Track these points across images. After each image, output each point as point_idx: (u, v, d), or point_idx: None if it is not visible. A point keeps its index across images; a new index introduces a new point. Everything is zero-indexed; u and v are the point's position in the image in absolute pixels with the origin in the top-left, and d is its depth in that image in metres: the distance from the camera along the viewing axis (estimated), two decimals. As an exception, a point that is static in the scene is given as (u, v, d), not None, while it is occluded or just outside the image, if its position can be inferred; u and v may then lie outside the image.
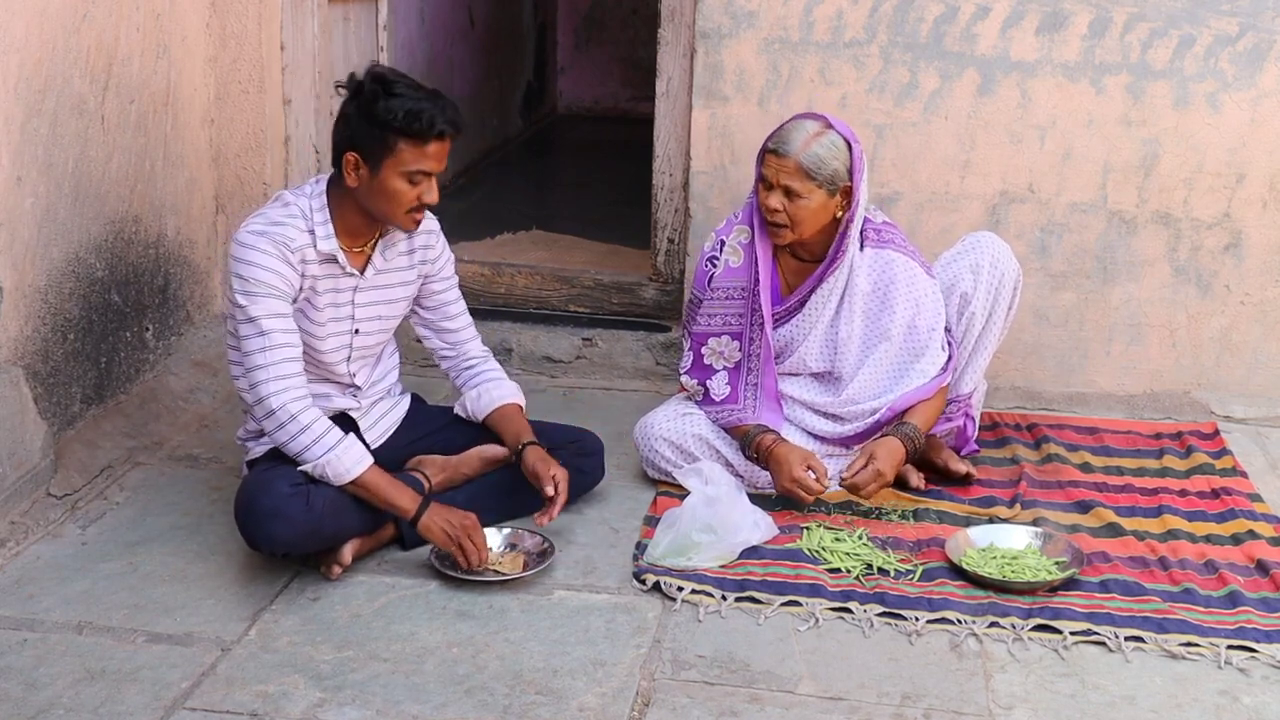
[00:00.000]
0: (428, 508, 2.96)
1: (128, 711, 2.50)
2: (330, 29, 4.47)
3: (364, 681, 2.61)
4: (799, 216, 3.26)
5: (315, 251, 2.96)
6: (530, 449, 3.18)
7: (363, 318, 3.12)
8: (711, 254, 3.41)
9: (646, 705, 2.57)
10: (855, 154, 3.25)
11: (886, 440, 3.31)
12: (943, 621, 2.87)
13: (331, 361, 3.11)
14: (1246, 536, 3.25)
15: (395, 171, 2.90)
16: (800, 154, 3.21)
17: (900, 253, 3.40)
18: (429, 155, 2.91)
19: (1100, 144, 3.96)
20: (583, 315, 4.45)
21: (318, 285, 3.00)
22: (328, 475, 2.90)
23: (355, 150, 2.91)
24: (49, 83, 3.33)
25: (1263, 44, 3.85)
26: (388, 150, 2.88)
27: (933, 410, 3.40)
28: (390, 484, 2.96)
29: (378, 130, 2.87)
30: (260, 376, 2.89)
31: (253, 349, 2.90)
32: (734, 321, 3.43)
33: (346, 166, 2.93)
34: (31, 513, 3.21)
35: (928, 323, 3.39)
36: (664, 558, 3.06)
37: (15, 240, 3.25)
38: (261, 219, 2.96)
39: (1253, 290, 4.02)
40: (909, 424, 3.35)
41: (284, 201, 3.01)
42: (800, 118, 3.30)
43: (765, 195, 3.28)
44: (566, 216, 5.64)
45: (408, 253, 3.17)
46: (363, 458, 2.93)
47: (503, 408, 3.29)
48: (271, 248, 2.91)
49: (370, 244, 3.09)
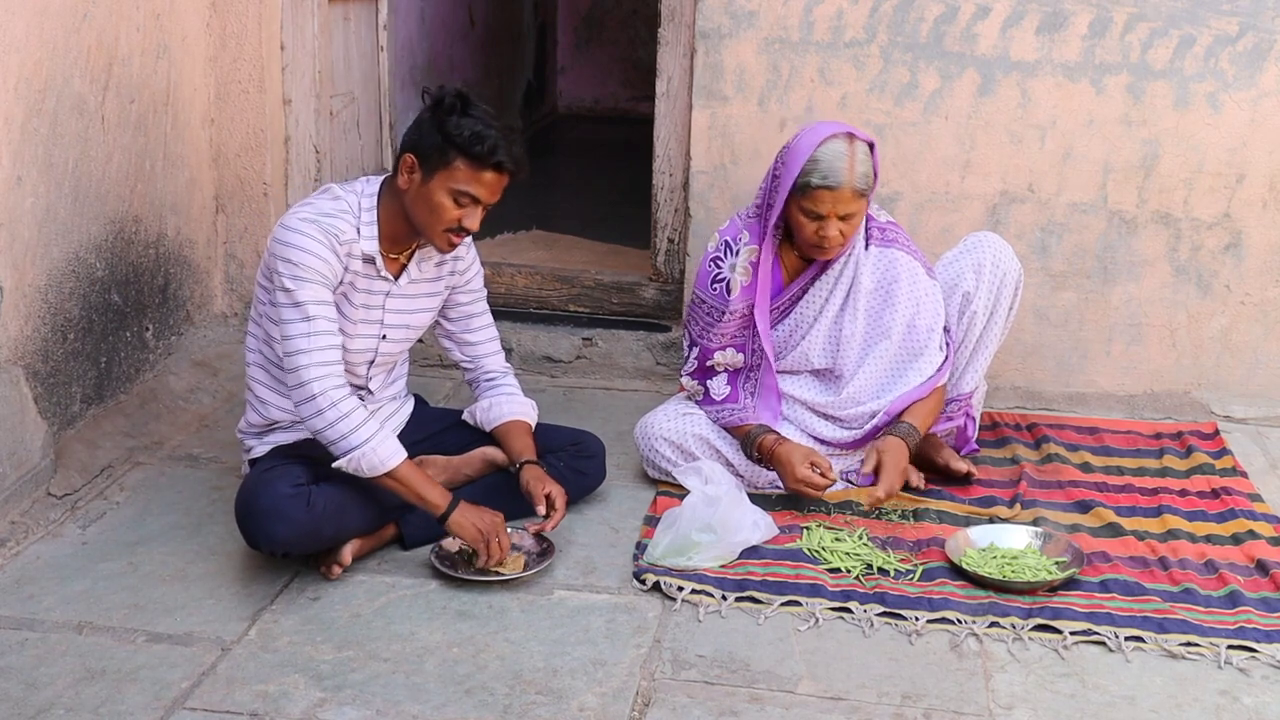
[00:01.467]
0: (457, 505, 2.96)
1: (128, 711, 2.50)
2: (330, 29, 4.48)
3: (364, 681, 2.62)
4: (851, 232, 3.29)
5: (360, 249, 2.98)
6: (527, 468, 3.19)
7: (391, 324, 3.12)
8: (715, 254, 3.41)
9: (646, 705, 2.57)
10: (876, 153, 3.27)
11: (889, 443, 3.31)
12: (943, 621, 2.87)
13: (354, 363, 3.11)
14: (1246, 536, 3.25)
15: (444, 185, 2.90)
16: (852, 181, 3.19)
17: (904, 251, 3.41)
18: (482, 181, 2.91)
19: (1100, 144, 3.97)
20: (583, 315, 4.45)
21: (356, 283, 3.02)
22: (362, 466, 2.88)
23: (415, 153, 2.92)
24: (49, 82, 3.33)
25: (1263, 44, 3.85)
26: (444, 163, 2.89)
27: (930, 409, 3.40)
28: (424, 479, 2.97)
29: (441, 141, 2.88)
30: (303, 361, 2.88)
31: (296, 333, 2.89)
32: (740, 334, 3.44)
33: (402, 166, 2.94)
34: (31, 513, 3.21)
35: (927, 323, 3.40)
36: (664, 557, 3.06)
37: (15, 240, 3.25)
38: (310, 208, 2.97)
39: (1253, 290, 4.02)
40: (905, 423, 3.35)
41: (333, 195, 3.02)
42: (825, 141, 3.21)
43: (820, 227, 3.24)
44: (566, 216, 5.64)
45: (438, 264, 3.18)
46: (398, 450, 2.93)
47: (510, 423, 3.30)
48: (321, 235, 2.91)
49: (407, 254, 3.10)
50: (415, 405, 3.40)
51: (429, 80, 6.19)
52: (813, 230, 3.26)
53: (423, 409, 3.42)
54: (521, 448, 3.25)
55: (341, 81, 4.61)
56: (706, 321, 3.44)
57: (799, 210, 3.26)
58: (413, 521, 3.10)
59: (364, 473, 2.90)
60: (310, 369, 2.88)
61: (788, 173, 3.25)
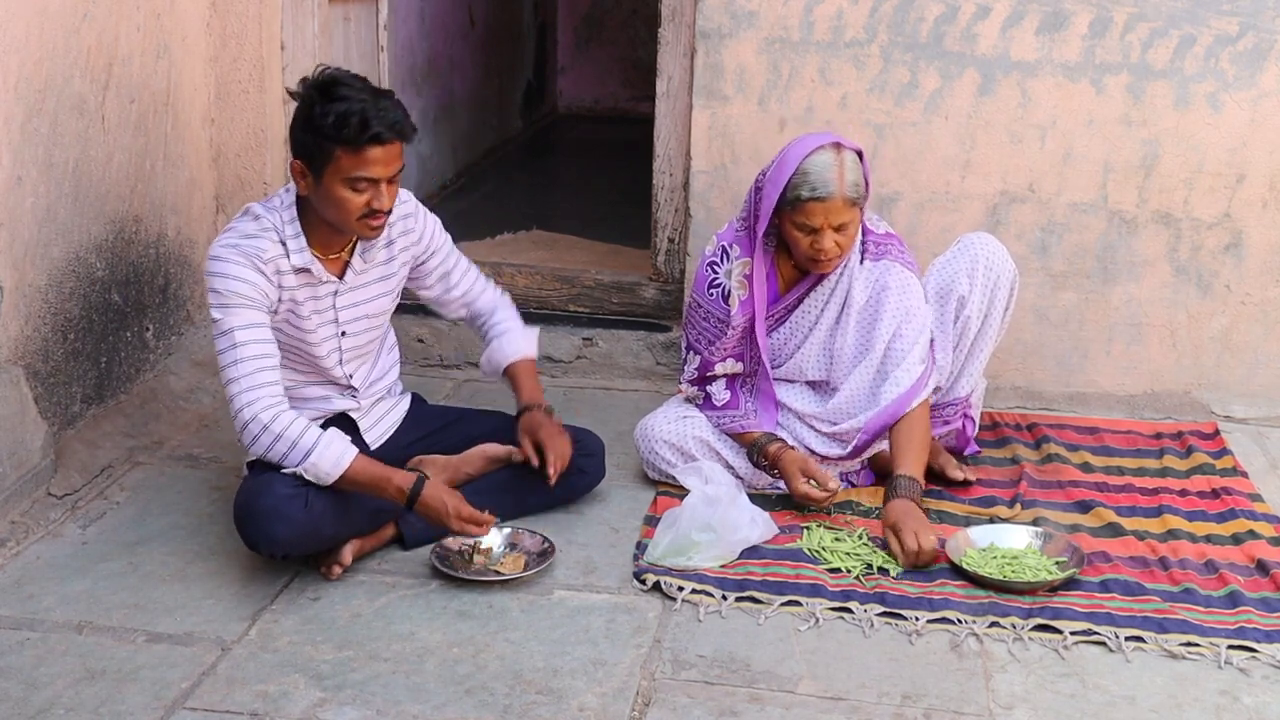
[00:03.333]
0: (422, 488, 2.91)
1: (128, 711, 2.50)
2: (330, 29, 4.47)
3: (364, 681, 2.61)
4: (847, 243, 3.26)
5: (289, 263, 2.92)
6: (524, 417, 3.23)
7: (347, 320, 3.09)
8: (713, 259, 3.39)
9: (647, 705, 2.57)
10: (865, 161, 3.25)
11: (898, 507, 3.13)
12: (943, 621, 2.87)
13: (327, 365, 3.10)
14: (1247, 536, 3.25)
15: (336, 179, 2.82)
16: (842, 190, 3.16)
17: (897, 262, 3.39)
18: (368, 161, 2.80)
19: (1100, 144, 3.96)
20: (583, 315, 4.45)
21: (297, 295, 2.96)
22: (319, 475, 2.86)
23: (299, 158, 2.85)
24: (49, 82, 3.33)
25: (1263, 44, 3.85)
26: (327, 158, 2.81)
27: (919, 440, 3.28)
28: (379, 470, 2.91)
29: (314, 137, 2.80)
30: (233, 390, 2.86)
31: (226, 362, 2.87)
32: (739, 344, 3.44)
33: (294, 174, 2.87)
34: (31, 513, 3.21)
35: (911, 335, 3.36)
36: (664, 557, 3.06)
37: (15, 240, 3.25)
38: (233, 233, 2.92)
39: (1253, 290, 4.02)
40: (903, 478, 3.20)
41: (254, 215, 2.95)
42: (812, 153, 3.19)
43: (814, 239, 3.20)
44: (566, 216, 5.64)
45: (387, 245, 3.11)
46: (342, 456, 2.86)
47: (510, 368, 3.30)
48: (243, 258, 2.86)
49: (348, 248, 3.04)
50: (413, 404, 3.39)
51: (429, 80, 6.20)
52: (808, 244, 3.23)
53: (421, 407, 3.41)
54: (522, 394, 3.27)
55: (341, 81, 4.60)
56: (706, 330, 3.43)
57: (792, 225, 3.22)
58: (413, 521, 3.09)
59: (323, 480, 2.86)
60: (241, 395, 2.85)
61: (773, 187, 3.21)
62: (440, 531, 3.05)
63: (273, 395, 2.87)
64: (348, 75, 2.88)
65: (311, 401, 3.13)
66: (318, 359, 3.07)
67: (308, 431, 2.86)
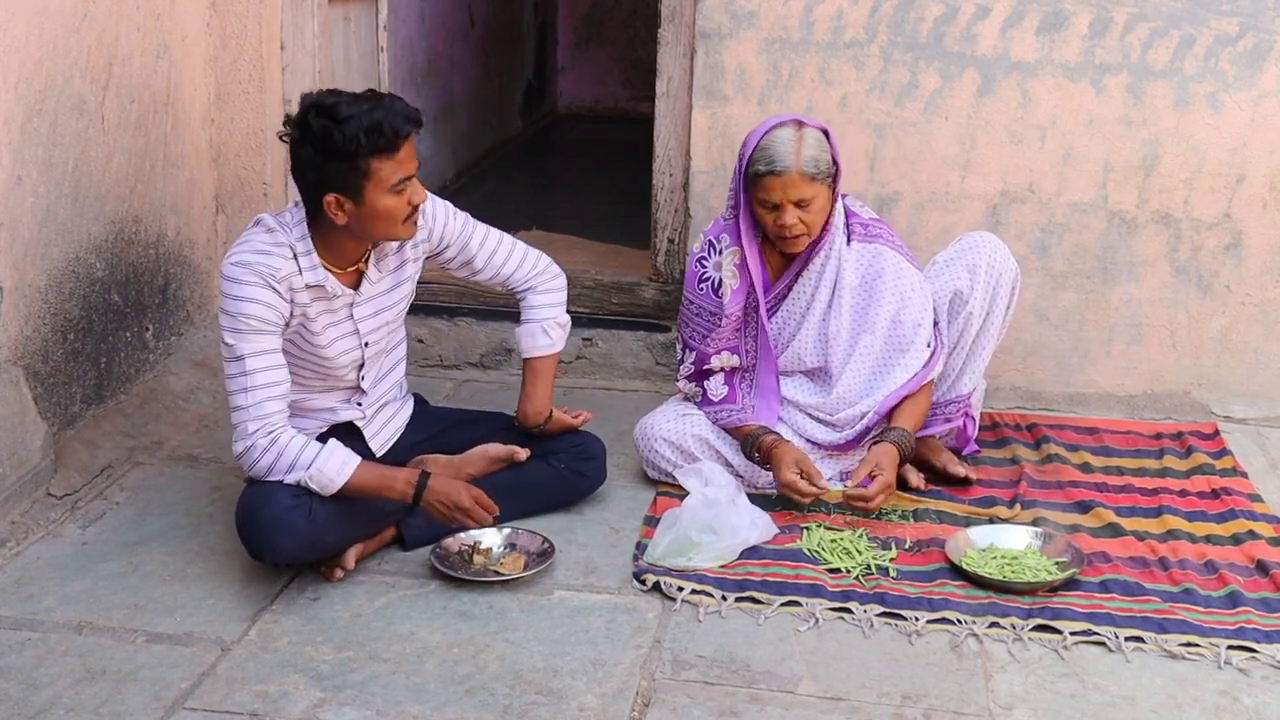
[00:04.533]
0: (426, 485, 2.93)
1: (128, 711, 2.50)
2: (330, 29, 4.47)
3: (364, 681, 2.61)
4: (813, 220, 3.26)
5: (302, 280, 2.91)
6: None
7: (368, 330, 3.09)
8: (700, 254, 3.41)
9: (646, 705, 2.57)
10: (833, 139, 3.27)
11: (882, 449, 3.29)
12: (943, 621, 2.87)
13: (341, 373, 3.10)
14: (1246, 537, 3.25)
15: (380, 191, 2.83)
16: (798, 164, 3.18)
17: (888, 246, 3.41)
18: (403, 161, 2.83)
19: (1100, 144, 3.97)
20: (583, 315, 4.44)
21: (310, 311, 2.96)
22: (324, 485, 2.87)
23: (332, 191, 2.83)
24: (49, 83, 3.33)
25: (1263, 44, 3.85)
26: (365, 175, 2.80)
27: (918, 407, 3.40)
28: (383, 473, 2.94)
29: (346, 161, 2.79)
30: (238, 417, 2.88)
31: (234, 388, 2.88)
32: (734, 337, 3.44)
33: (329, 209, 2.84)
34: (31, 513, 3.21)
35: (913, 317, 3.39)
36: (664, 558, 3.06)
37: (15, 240, 3.25)
38: (245, 247, 2.90)
39: (1253, 290, 4.02)
40: (897, 428, 3.34)
41: (266, 226, 2.93)
42: (771, 130, 3.23)
43: (776, 215, 3.23)
44: (566, 216, 5.64)
45: (398, 250, 3.11)
46: (345, 465, 2.88)
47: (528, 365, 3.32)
48: (257, 278, 2.85)
49: (363, 258, 3.03)
50: (416, 405, 3.39)
51: (429, 80, 6.20)
52: (771, 221, 3.26)
53: (424, 409, 3.41)
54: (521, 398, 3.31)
55: (341, 82, 4.60)
56: (700, 325, 3.43)
57: (756, 204, 3.27)
58: (413, 522, 3.10)
59: (327, 490, 2.87)
60: (247, 423, 2.86)
61: (739, 167, 3.28)
62: (441, 530, 3.05)
63: (276, 422, 2.89)
64: (334, 93, 2.86)
65: (318, 414, 3.13)
66: (334, 369, 3.07)
67: (307, 448, 2.88)
